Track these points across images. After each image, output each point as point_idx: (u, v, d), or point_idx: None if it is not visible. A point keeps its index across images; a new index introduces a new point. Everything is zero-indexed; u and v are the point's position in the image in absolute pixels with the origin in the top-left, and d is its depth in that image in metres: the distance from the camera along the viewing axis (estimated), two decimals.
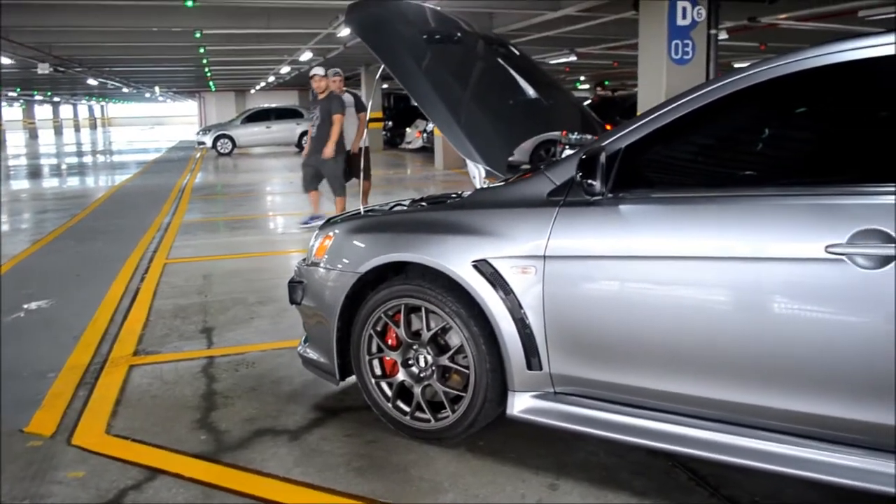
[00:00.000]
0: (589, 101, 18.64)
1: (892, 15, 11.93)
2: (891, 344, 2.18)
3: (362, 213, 3.51)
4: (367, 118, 8.91)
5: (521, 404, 2.80)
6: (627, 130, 2.62)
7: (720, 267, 2.40)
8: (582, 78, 33.54)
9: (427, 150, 20.81)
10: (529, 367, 2.75)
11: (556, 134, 3.78)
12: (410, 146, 22.92)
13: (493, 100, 3.56)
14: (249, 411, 3.52)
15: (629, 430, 2.63)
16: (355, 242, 3.25)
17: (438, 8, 4.26)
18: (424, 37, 3.57)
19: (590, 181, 2.52)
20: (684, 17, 9.19)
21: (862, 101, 2.53)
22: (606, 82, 27.54)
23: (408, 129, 23.24)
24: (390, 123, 25.26)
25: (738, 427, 2.50)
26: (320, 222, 8.58)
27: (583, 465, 2.92)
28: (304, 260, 3.52)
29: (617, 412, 2.67)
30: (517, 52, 4.23)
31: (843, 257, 2.19)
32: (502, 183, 3.12)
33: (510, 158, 3.46)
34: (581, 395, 2.76)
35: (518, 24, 14.22)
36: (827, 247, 2.21)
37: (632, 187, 2.61)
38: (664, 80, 8.94)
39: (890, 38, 2.32)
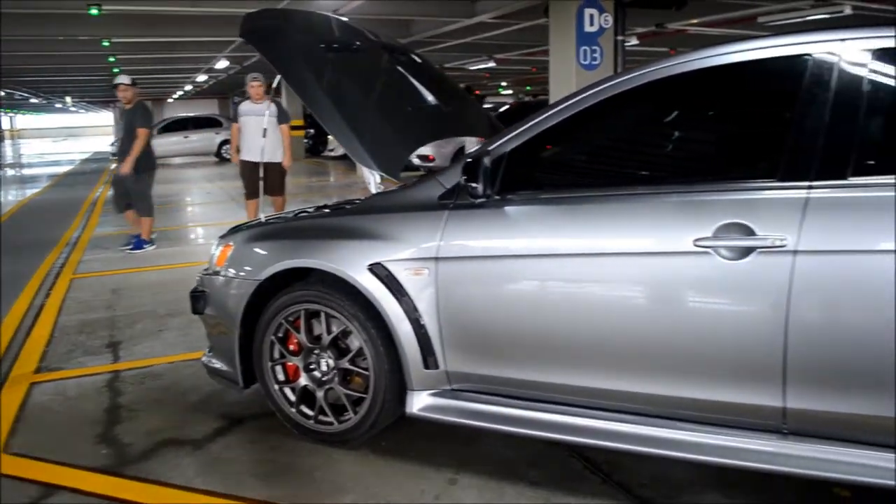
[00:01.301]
0: (507, 107, 18.90)
1: (789, 21, 12.51)
2: (756, 329, 2.34)
3: (263, 220, 3.53)
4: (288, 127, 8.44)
5: (419, 403, 2.87)
6: (512, 135, 2.73)
7: (599, 262, 2.53)
8: (504, 83, 34.02)
9: (349, 158, 20.71)
10: (426, 366, 2.82)
11: (474, 140, 3.89)
12: (333, 154, 22.78)
13: (389, 106, 3.63)
14: (154, 423, 3.49)
15: (524, 423, 2.73)
16: (255, 250, 3.27)
17: (345, 18, 4.31)
18: (322, 46, 3.61)
19: (473, 184, 2.63)
20: (592, 23, 9.45)
21: (728, 104, 2.71)
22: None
23: (330, 137, 23.08)
24: (312, 131, 25.06)
25: (627, 415, 2.63)
26: (150, 246, 8.13)
27: (483, 459, 3.01)
28: (205, 269, 3.51)
29: (512, 406, 2.77)
30: (419, 60, 4.31)
31: (709, 250, 2.34)
32: (397, 188, 3.19)
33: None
34: (477, 391, 2.84)
35: (435, 30, 14.36)
36: (695, 240, 2.35)
37: (520, 189, 2.72)
38: (574, 85, 9.16)
39: (750, 44, 2.49)
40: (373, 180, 3.26)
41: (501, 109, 16.39)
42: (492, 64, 20.12)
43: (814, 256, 2.24)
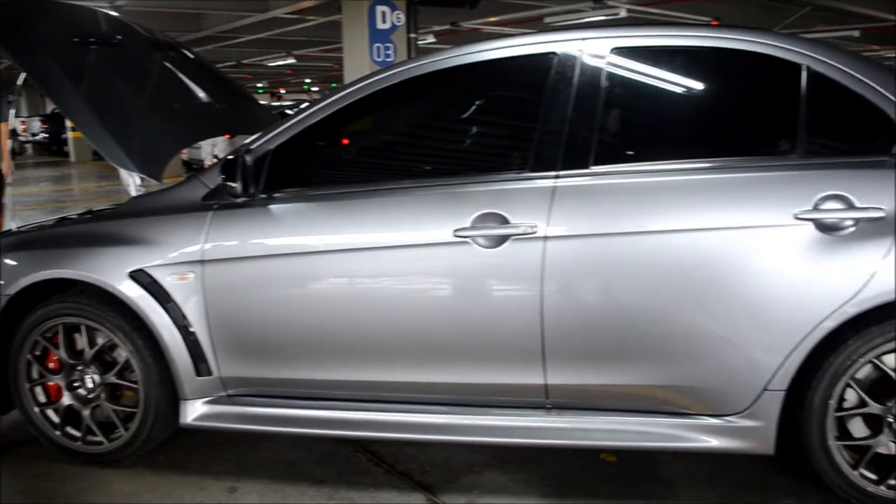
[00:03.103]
0: (306, 104, 18.67)
1: (571, 21, 13.31)
2: (515, 312, 2.47)
3: (16, 230, 3.24)
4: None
5: (194, 412, 2.77)
6: (276, 132, 2.69)
7: (366, 257, 2.56)
8: (308, 80, 33.57)
9: None
10: (199, 374, 2.72)
11: (222, 139, 3.77)
12: None
13: (153, 104, 3.44)
14: None
15: (305, 423, 2.72)
16: (4, 262, 2.99)
17: (114, 12, 4.03)
18: (76, 40, 3.35)
19: (232, 183, 2.57)
20: (384, 21, 9.53)
21: (484, 99, 2.84)
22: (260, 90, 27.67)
23: None
24: None
25: (407, 405, 2.68)
26: None
27: (267, 463, 2.95)
28: None
29: (292, 406, 2.74)
30: (191, 56, 4.13)
31: (468, 239, 2.44)
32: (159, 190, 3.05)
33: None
34: (256, 395, 2.79)
35: (228, 25, 13.89)
36: (455, 231, 2.44)
37: (287, 186, 2.69)
38: None
39: (503, 42, 2.62)
40: (132, 182, 3.09)
41: (302, 106, 16.17)
42: (291, 60, 19.79)
43: (562, 241, 2.40)
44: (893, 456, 2.40)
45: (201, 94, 3.73)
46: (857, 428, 2.42)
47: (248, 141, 2.72)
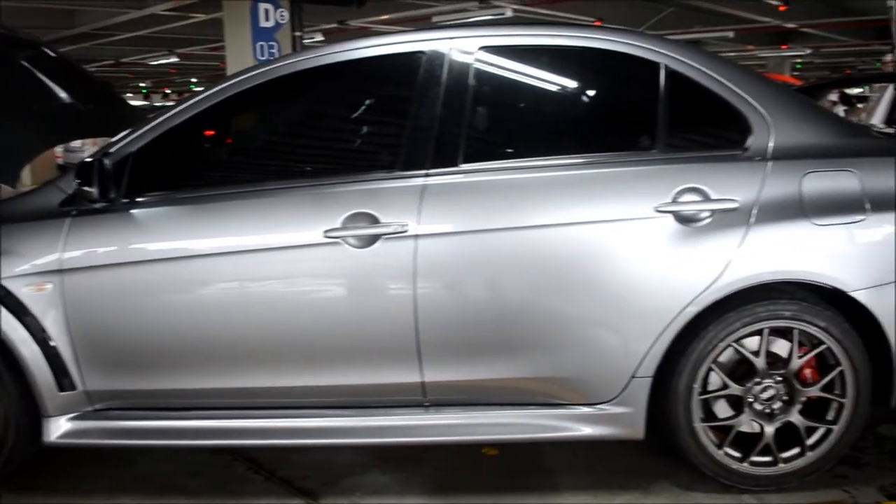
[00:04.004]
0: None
1: (458, 21, 13.41)
2: (389, 311, 2.46)
3: None
4: None
5: (58, 429, 2.61)
6: (136, 135, 2.58)
7: (236, 261, 2.49)
8: (194, 80, 32.56)
9: None
10: (62, 389, 2.58)
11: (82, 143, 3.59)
12: None
13: (6, 106, 3.24)
14: None
15: (177, 434, 2.63)
16: None
17: None
18: None
19: (88, 188, 2.45)
20: (267, 19, 9.34)
21: (354, 99, 2.82)
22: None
23: None
24: None
25: (283, 410, 2.63)
26: None
27: (140, 478, 2.84)
28: None
29: (165, 418, 2.64)
30: (53, 54, 3.92)
31: (338, 240, 2.42)
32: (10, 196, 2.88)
33: None
34: (126, 408, 2.67)
35: (103, 22, 13.31)
36: (325, 231, 2.42)
37: (152, 190, 2.59)
38: None
39: (372, 41, 2.62)
40: None
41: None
42: (174, 59, 19.15)
43: (433, 239, 2.41)
44: (754, 434, 2.53)
45: (64, 95, 3.54)
46: (721, 409, 2.54)
47: (107, 143, 2.61)
